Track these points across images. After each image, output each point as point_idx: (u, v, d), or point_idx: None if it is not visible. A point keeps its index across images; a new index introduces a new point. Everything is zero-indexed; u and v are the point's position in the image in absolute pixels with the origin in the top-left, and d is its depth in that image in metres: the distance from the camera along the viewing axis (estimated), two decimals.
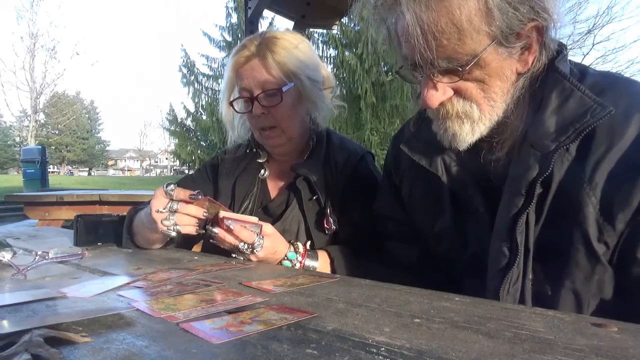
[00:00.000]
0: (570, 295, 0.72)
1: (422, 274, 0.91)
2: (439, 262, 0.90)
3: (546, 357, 0.43)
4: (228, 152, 1.28)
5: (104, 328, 0.51)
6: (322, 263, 1.03)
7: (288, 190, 1.16)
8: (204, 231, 1.00)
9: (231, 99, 1.16)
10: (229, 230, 0.93)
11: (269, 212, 1.17)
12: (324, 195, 1.10)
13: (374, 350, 0.45)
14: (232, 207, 1.17)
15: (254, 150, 1.25)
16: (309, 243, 1.09)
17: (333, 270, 1.03)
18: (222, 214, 0.94)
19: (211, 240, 0.99)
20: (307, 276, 0.82)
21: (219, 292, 0.68)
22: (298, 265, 1.01)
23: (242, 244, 0.94)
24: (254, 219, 0.96)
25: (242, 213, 1.16)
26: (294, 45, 1.11)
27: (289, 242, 1.04)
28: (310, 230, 1.10)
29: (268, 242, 0.96)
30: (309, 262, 1.02)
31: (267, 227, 0.98)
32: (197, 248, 1.27)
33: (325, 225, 1.09)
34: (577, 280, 0.71)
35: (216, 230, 0.94)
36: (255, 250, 0.95)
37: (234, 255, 1.00)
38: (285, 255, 1.01)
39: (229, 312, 0.57)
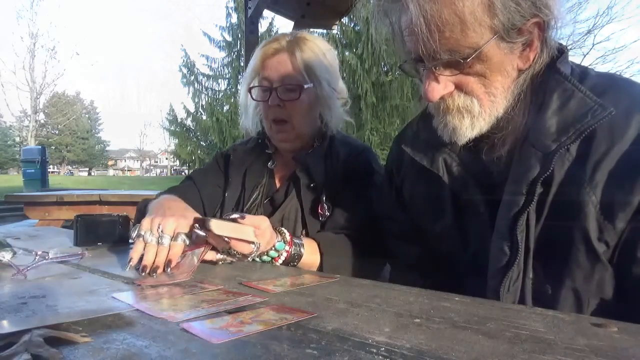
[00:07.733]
0: (570, 294, 0.72)
1: (423, 274, 0.91)
2: (440, 261, 0.90)
3: (546, 357, 0.43)
4: (240, 144, 1.31)
5: (104, 328, 0.51)
6: (308, 251, 0.99)
7: (289, 180, 1.19)
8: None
9: (251, 86, 1.19)
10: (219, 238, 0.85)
11: (274, 203, 1.19)
12: (321, 183, 1.12)
13: (374, 350, 0.45)
14: (241, 198, 1.20)
15: (263, 141, 1.27)
16: (303, 232, 1.10)
17: (321, 261, 1.00)
18: (217, 230, 0.82)
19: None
20: (307, 276, 0.82)
21: (219, 292, 0.68)
22: (285, 254, 0.95)
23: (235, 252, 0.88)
24: (251, 234, 0.86)
25: (251, 204, 1.18)
26: (322, 51, 1.17)
27: (275, 229, 0.96)
28: (305, 217, 1.11)
29: (263, 243, 0.90)
30: (295, 250, 0.97)
31: (263, 222, 0.90)
32: None
33: (319, 211, 1.09)
34: (577, 279, 0.72)
35: (202, 233, 0.85)
36: (251, 258, 0.90)
37: (222, 257, 0.90)
38: (273, 246, 0.93)
39: (229, 312, 0.57)
